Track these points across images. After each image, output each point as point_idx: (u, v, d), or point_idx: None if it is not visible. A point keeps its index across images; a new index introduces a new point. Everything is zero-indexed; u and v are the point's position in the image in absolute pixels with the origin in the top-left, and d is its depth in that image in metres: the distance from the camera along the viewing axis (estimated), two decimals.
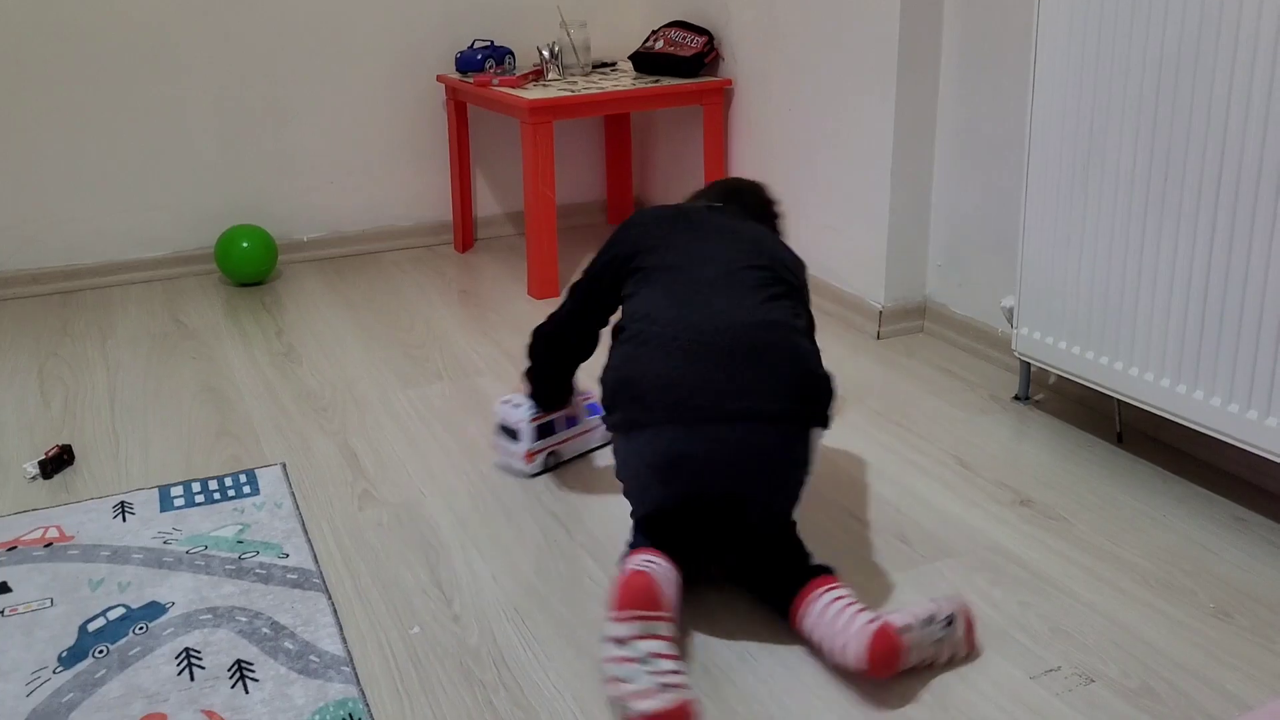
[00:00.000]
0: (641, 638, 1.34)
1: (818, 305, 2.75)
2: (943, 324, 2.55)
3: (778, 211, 1.93)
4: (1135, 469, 1.93)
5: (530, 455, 1.92)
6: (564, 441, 1.97)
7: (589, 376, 2.08)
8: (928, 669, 1.42)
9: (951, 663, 1.43)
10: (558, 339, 1.84)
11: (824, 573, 1.47)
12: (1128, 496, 1.84)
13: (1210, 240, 1.68)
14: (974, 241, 2.43)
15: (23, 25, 2.85)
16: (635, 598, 1.36)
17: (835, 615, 1.40)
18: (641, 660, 1.33)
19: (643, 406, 1.50)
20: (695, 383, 1.48)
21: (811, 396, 1.51)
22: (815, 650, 1.45)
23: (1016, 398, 2.22)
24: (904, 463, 1.97)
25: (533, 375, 1.90)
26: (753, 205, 1.88)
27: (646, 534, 1.53)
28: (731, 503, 1.49)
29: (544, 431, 1.93)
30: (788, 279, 1.64)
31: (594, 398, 2.01)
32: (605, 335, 1.75)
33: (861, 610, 1.39)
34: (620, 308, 1.71)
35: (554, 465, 1.97)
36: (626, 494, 1.58)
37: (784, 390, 1.48)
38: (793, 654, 1.46)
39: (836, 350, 2.50)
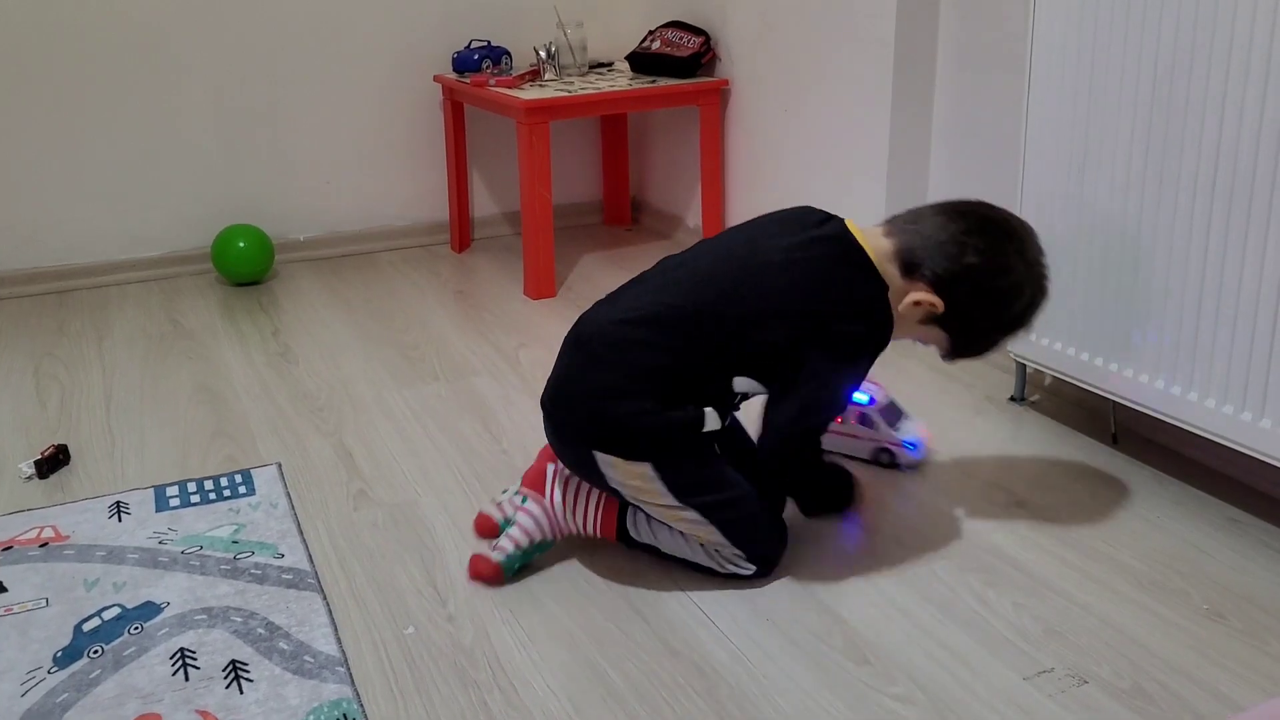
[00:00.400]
0: (518, 493, 1.70)
1: None
2: None
3: (944, 250, 1.56)
4: (1130, 471, 1.93)
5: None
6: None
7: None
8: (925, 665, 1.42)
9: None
10: None
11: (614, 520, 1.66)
12: (1123, 498, 1.84)
13: (1205, 242, 1.68)
14: None
15: (20, 24, 2.84)
16: (527, 477, 1.72)
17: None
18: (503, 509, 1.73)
19: None
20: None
21: (590, 419, 1.57)
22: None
23: (1012, 399, 2.22)
24: None
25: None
26: (912, 234, 1.59)
27: None
28: None
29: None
30: (701, 313, 1.55)
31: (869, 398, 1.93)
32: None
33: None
34: None
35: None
36: None
37: (565, 399, 1.61)
38: (786, 654, 1.46)
39: None
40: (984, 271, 1.55)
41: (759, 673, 1.42)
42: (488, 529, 1.73)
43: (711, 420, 1.56)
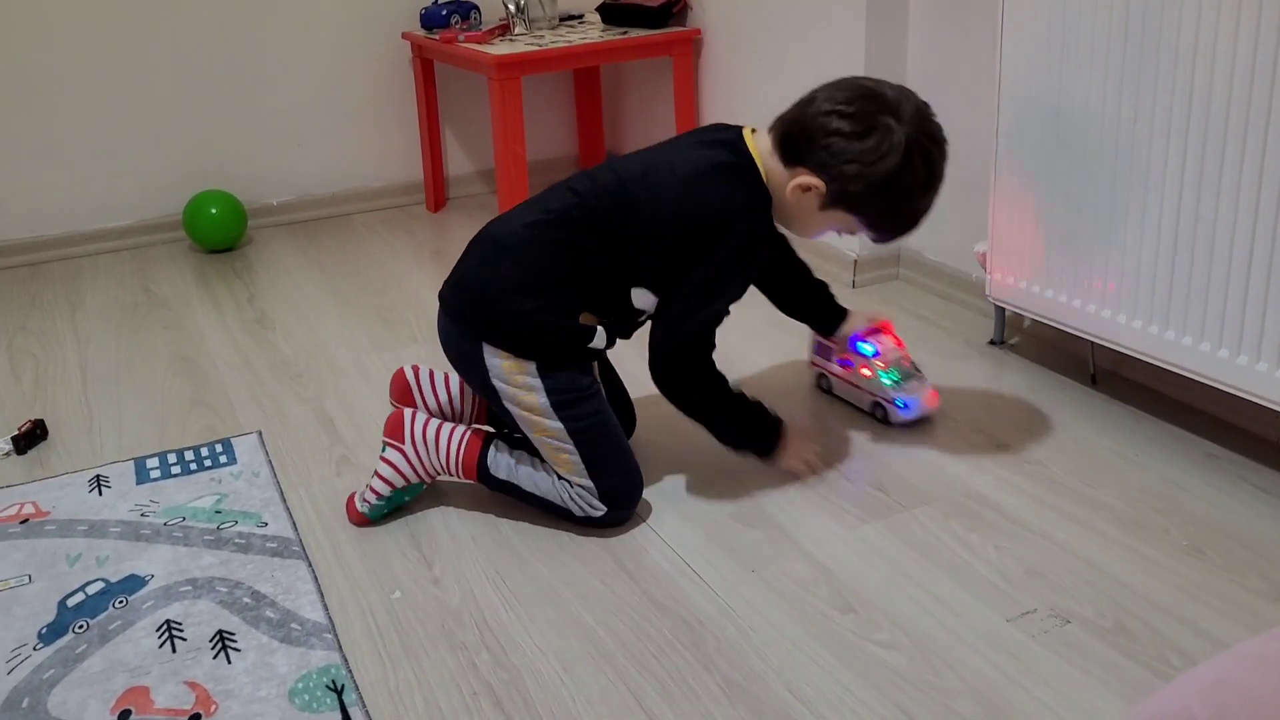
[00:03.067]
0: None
1: None
2: (917, 271, 2.54)
3: (810, 137, 1.57)
4: (1109, 410, 1.94)
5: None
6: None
7: None
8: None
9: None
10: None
11: None
12: (1102, 438, 1.85)
13: (1180, 182, 1.68)
14: (946, 187, 2.42)
15: None
16: (387, 425, 1.71)
17: None
18: None
19: None
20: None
21: (487, 311, 1.62)
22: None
23: (991, 343, 2.23)
24: None
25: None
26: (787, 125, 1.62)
27: None
28: None
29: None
30: (600, 215, 1.61)
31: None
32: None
33: None
34: None
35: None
36: None
37: (466, 290, 1.67)
38: (771, 605, 1.47)
39: None
40: (854, 136, 1.53)
41: (745, 625, 1.43)
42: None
43: (600, 338, 1.64)
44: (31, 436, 1.98)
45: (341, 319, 2.52)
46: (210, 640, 1.44)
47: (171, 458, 1.91)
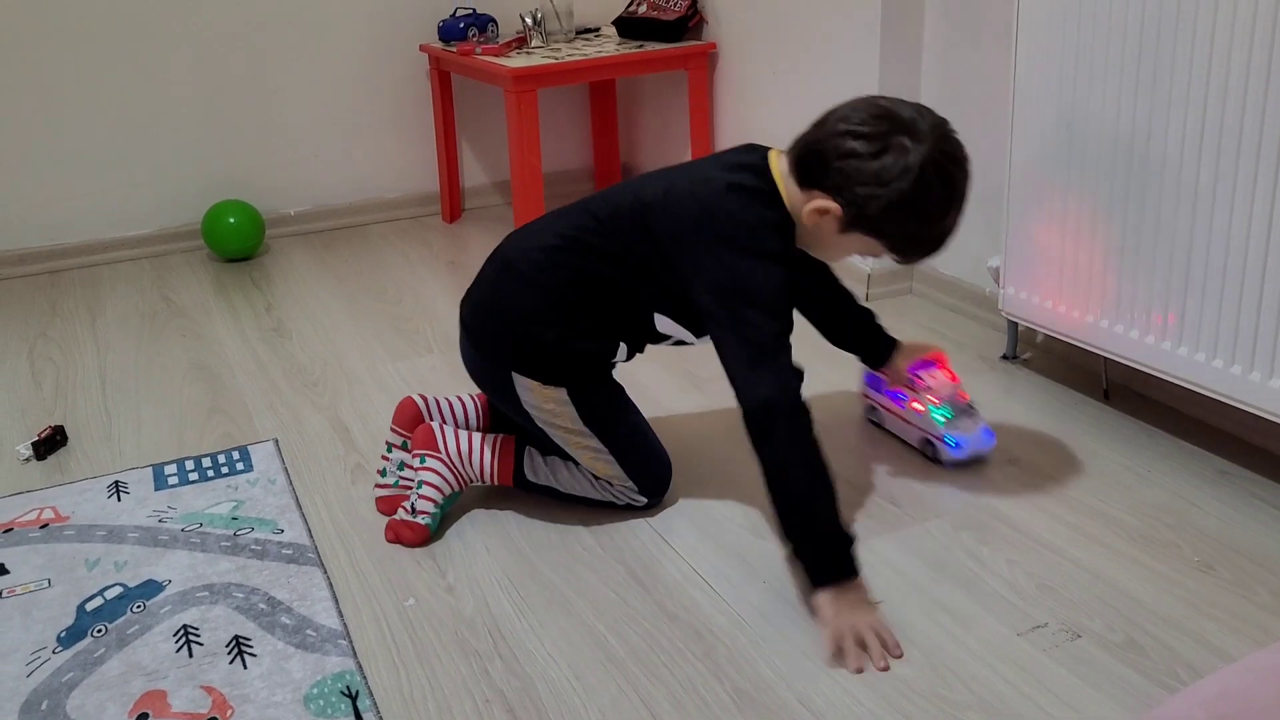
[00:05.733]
0: (414, 455, 1.71)
1: None
2: (930, 285, 2.55)
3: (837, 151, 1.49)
4: (1121, 426, 1.94)
5: None
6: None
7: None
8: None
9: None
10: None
11: None
12: (1114, 453, 1.85)
13: (1194, 197, 1.68)
14: None
15: (1, 4, 2.82)
16: (417, 439, 1.72)
17: None
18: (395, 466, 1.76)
19: None
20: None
21: (515, 342, 1.63)
22: None
23: (1004, 357, 2.23)
24: None
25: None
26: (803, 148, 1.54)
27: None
28: None
29: None
30: (603, 234, 1.60)
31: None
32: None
33: None
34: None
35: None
36: None
37: (490, 320, 1.67)
38: (782, 616, 1.47)
39: None
40: (868, 157, 1.46)
41: (756, 635, 1.44)
42: (391, 506, 1.74)
43: (621, 353, 1.69)
44: (51, 442, 2.00)
45: (357, 328, 2.54)
46: (226, 645, 1.45)
47: (189, 464, 1.93)
